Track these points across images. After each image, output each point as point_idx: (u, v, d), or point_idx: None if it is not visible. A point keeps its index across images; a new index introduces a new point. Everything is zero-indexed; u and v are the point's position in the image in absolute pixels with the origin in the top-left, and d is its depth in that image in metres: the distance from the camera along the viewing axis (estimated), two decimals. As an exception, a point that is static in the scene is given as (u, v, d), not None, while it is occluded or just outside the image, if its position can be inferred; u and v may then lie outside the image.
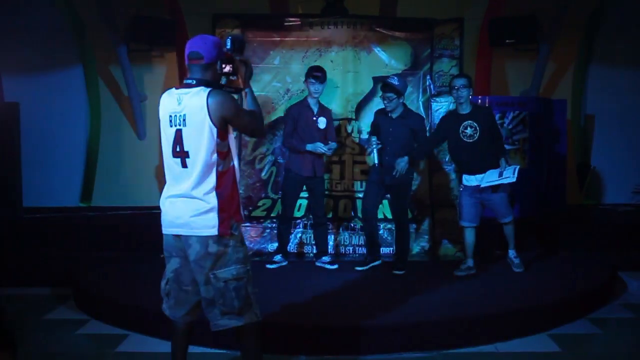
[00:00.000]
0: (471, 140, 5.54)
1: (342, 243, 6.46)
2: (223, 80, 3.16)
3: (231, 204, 3.02)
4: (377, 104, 6.68)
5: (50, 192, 8.68)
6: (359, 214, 6.48)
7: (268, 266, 5.92)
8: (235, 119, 3.00)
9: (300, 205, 6.45)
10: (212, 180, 2.96)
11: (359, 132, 6.65)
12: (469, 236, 5.72)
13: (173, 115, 2.97)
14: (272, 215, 6.54)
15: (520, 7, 8.48)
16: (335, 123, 6.52)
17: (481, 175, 5.57)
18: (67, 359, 4.24)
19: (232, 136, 3.05)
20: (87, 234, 6.82)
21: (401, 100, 5.69)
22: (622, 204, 8.51)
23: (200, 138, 2.92)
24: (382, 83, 5.75)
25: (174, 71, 8.96)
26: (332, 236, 6.44)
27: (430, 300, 4.79)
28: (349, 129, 6.66)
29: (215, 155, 2.95)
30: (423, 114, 6.66)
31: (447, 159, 6.52)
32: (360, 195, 6.52)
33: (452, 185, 6.59)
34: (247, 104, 3.19)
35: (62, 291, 5.70)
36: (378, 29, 6.78)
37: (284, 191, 6.10)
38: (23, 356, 4.17)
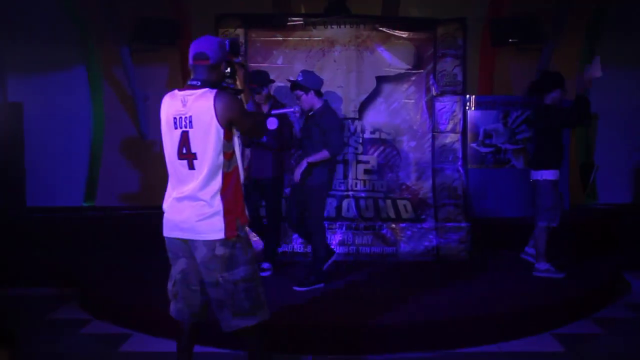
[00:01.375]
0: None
1: (346, 242, 6.44)
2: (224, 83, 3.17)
3: (236, 206, 3.02)
4: (380, 103, 6.70)
5: (54, 191, 8.70)
6: (362, 214, 6.49)
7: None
8: (240, 121, 3.00)
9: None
10: (218, 181, 2.96)
11: (363, 131, 6.65)
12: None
13: (178, 117, 2.96)
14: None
15: (523, 6, 8.47)
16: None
17: None
18: (71, 358, 4.25)
19: (235, 137, 3.06)
20: (90, 233, 6.83)
21: (310, 96, 5.22)
22: (626, 204, 8.51)
23: (208, 139, 2.92)
24: (292, 84, 5.30)
25: (177, 71, 8.98)
26: (333, 236, 6.45)
27: (433, 299, 4.78)
28: (353, 128, 6.66)
29: (221, 157, 2.95)
30: (426, 114, 6.67)
31: (450, 158, 6.55)
32: (363, 194, 6.53)
33: (454, 184, 6.59)
34: (246, 106, 3.20)
35: (65, 291, 5.71)
36: (381, 29, 6.78)
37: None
38: (27, 356, 4.19)
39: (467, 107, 6.97)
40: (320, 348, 4.16)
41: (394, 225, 6.47)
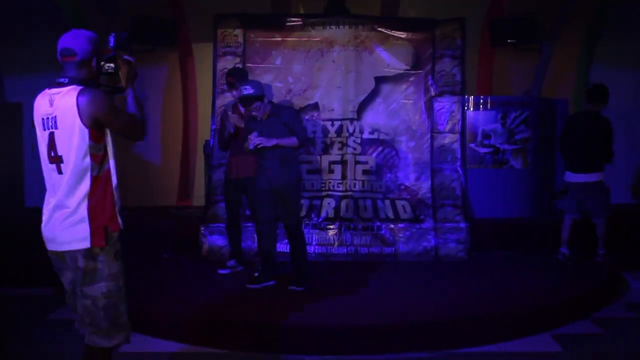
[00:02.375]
0: None
1: (345, 243, 6.44)
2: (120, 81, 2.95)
3: (104, 212, 2.75)
4: (379, 103, 6.70)
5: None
6: (360, 214, 6.49)
7: (220, 271, 5.71)
8: (108, 119, 2.75)
9: (301, 205, 6.51)
10: (85, 186, 2.72)
11: (361, 132, 6.65)
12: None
13: (45, 118, 2.74)
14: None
15: (522, 7, 8.48)
16: (337, 123, 6.55)
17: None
18: (70, 358, 4.24)
19: (109, 138, 2.82)
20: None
21: (266, 101, 5.15)
22: (625, 204, 8.51)
23: (71, 140, 2.68)
24: (240, 99, 5.12)
25: (176, 71, 8.97)
26: (338, 236, 6.45)
27: (433, 299, 4.79)
28: (351, 129, 6.66)
29: (88, 159, 2.71)
30: (425, 114, 6.68)
31: (449, 158, 6.58)
32: (358, 195, 6.54)
33: (453, 185, 6.60)
34: (128, 106, 2.94)
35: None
36: (380, 29, 6.79)
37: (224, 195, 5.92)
38: (27, 356, 4.19)
39: (465, 108, 6.98)
40: (317, 348, 4.16)
41: (392, 226, 6.48)
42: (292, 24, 6.78)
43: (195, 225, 6.56)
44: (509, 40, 8.49)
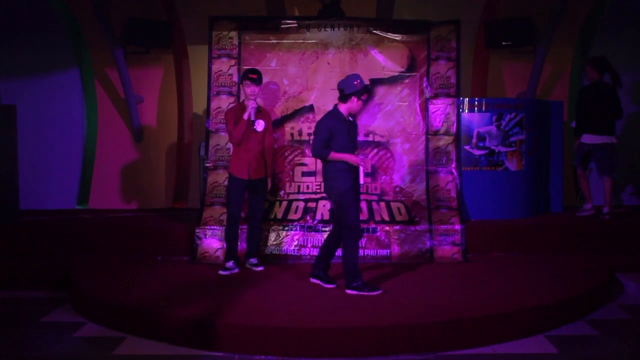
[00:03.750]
0: None
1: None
2: None
3: None
4: (374, 105, 6.71)
5: (47, 194, 8.68)
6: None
7: (221, 272, 5.77)
8: None
9: (297, 207, 6.52)
10: None
11: (356, 134, 6.65)
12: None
13: None
14: (269, 217, 6.55)
15: (516, 9, 8.50)
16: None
17: None
18: (64, 362, 4.23)
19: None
20: (84, 236, 6.80)
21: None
22: (618, 206, 8.53)
23: None
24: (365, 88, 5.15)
25: (171, 73, 8.97)
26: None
27: (426, 302, 4.78)
28: (346, 131, 6.65)
29: None
30: (420, 116, 6.70)
31: (444, 160, 6.59)
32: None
33: (448, 187, 6.61)
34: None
35: (59, 294, 5.69)
36: (375, 31, 6.80)
37: (227, 195, 6.04)
38: (19, 359, 4.17)
39: (460, 110, 6.99)
40: (311, 350, 4.15)
41: (387, 228, 6.48)
42: (287, 26, 6.78)
43: (190, 227, 6.56)
44: (503, 43, 8.51)
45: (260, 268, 5.94)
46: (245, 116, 5.68)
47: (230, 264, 5.85)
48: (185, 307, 4.62)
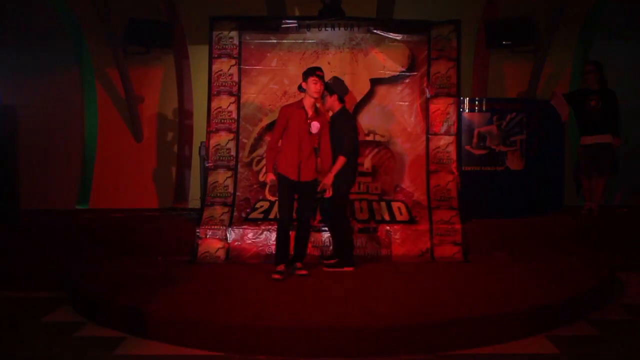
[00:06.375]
0: None
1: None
2: None
3: None
4: (374, 105, 6.71)
5: (48, 194, 8.68)
6: (356, 216, 6.50)
7: (274, 277, 5.49)
8: None
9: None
10: None
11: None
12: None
13: None
14: (269, 217, 6.51)
15: (516, 8, 8.50)
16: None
17: None
18: (64, 361, 4.23)
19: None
20: (84, 236, 6.80)
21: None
22: (619, 206, 8.53)
23: None
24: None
25: (171, 73, 8.97)
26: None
27: (428, 301, 4.78)
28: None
29: None
30: (420, 116, 6.70)
31: (444, 160, 6.59)
32: (354, 197, 6.52)
33: (449, 186, 6.60)
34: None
35: (59, 294, 5.68)
36: (375, 31, 6.80)
37: (278, 196, 5.72)
38: (20, 358, 4.17)
39: (461, 109, 6.98)
40: (312, 350, 4.14)
41: (388, 227, 6.47)
42: (288, 25, 6.78)
43: (190, 227, 6.55)
44: (504, 42, 8.52)
45: (304, 272, 5.67)
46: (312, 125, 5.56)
47: (281, 267, 5.56)
48: (185, 307, 4.62)
